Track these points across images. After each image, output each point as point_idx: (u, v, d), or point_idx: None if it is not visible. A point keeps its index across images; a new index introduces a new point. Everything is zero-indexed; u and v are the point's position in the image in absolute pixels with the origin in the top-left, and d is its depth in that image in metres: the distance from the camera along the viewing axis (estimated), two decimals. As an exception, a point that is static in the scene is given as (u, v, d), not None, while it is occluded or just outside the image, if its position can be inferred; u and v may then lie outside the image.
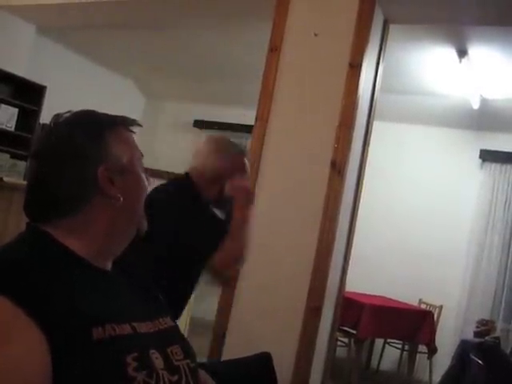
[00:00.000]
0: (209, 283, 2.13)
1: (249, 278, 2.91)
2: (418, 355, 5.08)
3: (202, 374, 1.15)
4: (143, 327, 1.00)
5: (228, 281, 2.20)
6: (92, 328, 0.88)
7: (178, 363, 1.01)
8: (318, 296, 2.86)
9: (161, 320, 1.08)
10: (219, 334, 3.01)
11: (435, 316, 5.08)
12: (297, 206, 2.94)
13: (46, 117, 5.08)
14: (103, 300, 0.97)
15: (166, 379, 0.95)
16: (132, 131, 1.11)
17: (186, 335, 1.16)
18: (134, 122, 1.10)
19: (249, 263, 3.00)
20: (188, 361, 1.04)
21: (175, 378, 0.97)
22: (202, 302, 4.15)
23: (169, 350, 1.01)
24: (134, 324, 0.98)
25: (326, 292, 2.91)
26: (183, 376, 1.00)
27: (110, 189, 1.00)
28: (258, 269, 2.87)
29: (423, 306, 5.33)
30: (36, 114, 5.29)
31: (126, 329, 0.95)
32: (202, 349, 2.28)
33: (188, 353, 1.06)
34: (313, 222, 2.83)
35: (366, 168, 3.29)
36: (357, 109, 2.92)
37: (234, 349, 2.86)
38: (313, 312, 2.86)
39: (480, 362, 3.86)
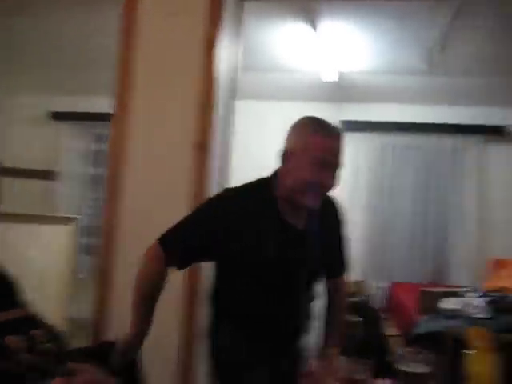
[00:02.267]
0: None
1: (124, 272, 2.82)
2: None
3: None
4: None
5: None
6: None
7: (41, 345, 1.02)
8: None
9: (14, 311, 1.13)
10: (98, 332, 2.90)
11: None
12: (167, 193, 2.89)
13: None
14: None
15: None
16: None
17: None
18: None
19: (123, 254, 2.91)
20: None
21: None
22: (79, 301, 3.96)
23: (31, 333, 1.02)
24: None
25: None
26: None
27: None
28: (131, 261, 2.78)
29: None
30: None
31: None
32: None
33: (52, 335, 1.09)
34: (184, 207, 2.78)
35: (233, 147, 3.29)
36: (216, 88, 2.89)
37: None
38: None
39: (356, 318, 4.19)
